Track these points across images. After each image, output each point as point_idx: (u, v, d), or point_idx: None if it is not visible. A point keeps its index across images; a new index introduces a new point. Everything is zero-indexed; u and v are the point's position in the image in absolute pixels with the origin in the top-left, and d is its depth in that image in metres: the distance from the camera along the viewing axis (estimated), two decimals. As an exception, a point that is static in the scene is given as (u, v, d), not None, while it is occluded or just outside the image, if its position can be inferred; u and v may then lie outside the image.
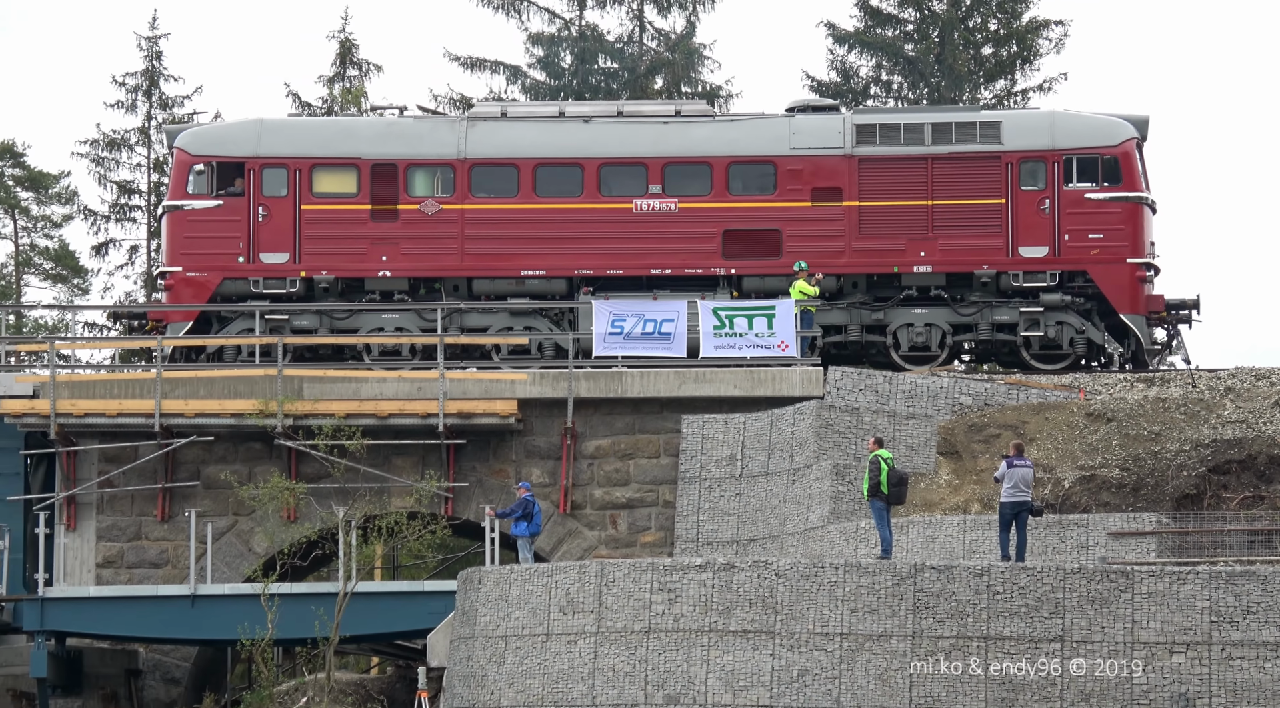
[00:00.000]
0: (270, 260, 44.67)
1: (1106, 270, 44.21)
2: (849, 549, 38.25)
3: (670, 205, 44.71)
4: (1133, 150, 44.79)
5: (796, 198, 44.62)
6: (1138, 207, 44.71)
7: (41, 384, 42.64)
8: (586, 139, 45.01)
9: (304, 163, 44.87)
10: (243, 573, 42.33)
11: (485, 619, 34.78)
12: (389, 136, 45.27)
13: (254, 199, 44.80)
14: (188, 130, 45.76)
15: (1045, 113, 46.08)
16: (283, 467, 42.58)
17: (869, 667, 33.02)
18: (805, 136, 44.81)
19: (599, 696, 33.66)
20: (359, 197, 44.91)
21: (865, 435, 40.34)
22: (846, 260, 44.70)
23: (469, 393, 42.73)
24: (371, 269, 44.86)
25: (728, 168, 44.71)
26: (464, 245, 44.83)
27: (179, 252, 44.78)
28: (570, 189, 44.86)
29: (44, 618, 39.85)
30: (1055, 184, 44.43)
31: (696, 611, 33.54)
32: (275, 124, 45.71)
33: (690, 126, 45.17)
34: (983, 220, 44.43)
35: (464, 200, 44.86)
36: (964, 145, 44.58)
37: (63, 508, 42.62)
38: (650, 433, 43.00)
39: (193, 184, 44.94)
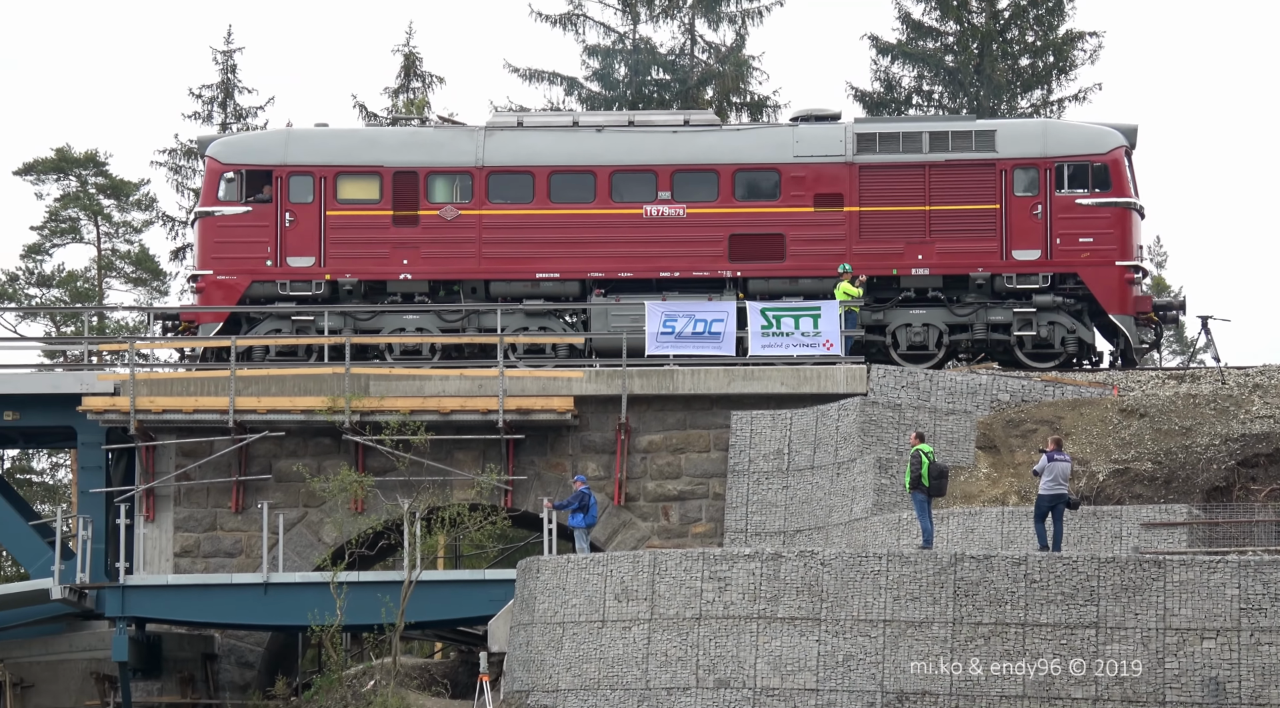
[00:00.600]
0: (297, 264, 44.80)
1: (1096, 273, 44.28)
2: (891, 540, 38.15)
3: (679, 211, 44.75)
4: (1122, 158, 44.85)
5: (799, 203, 44.67)
6: (1126, 212, 44.70)
7: (122, 382, 42.78)
8: (599, 147, 45.10)
9: (329, 171, 44.98)
10: (313, 562, 42.41)
11: (543, 607, 34.78)
12: (410, 145, 45.36)
13: (281, 205, 44.89)
14: (219, 140, 45.80)
15: (1038, 122, 46.37)
16: (350, 461, 42.64)
17: (911, 652, 32.93)
18: (808, 145, 44.89)
19: (652, 679, 33.64)
20: (381, 203, 44.99)
21: (907, 431, 40.24)
22: (847, 263, 44.69)
23: (527, 390, 42.73)
24: (393, 272, 44.92)
25: (734, 175, 44.79)
26: (482, 249, 44.90)
27: (210, 256, 44.92)
28: (583, 195, 44.91)
29: (125, 605, 39.98)
30: (1047, 190, 44.47)
31: (745, 598, 33.49)
32: (302, 134, 45.81)
33: (698, 135, 45.25)
34: (978, 225, 44.49)
35: (482, 206, 44.93)
36: (960, 153, 44.67)
37: (142, 500, 42.75)
38: (701, 428, 42.95)
39: (223, 191, 45.06)
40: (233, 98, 64.25)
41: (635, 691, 33.67)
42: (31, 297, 65.50)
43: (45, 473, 61.13)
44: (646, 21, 62.77)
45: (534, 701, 34.44)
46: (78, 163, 66.31)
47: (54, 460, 60.46)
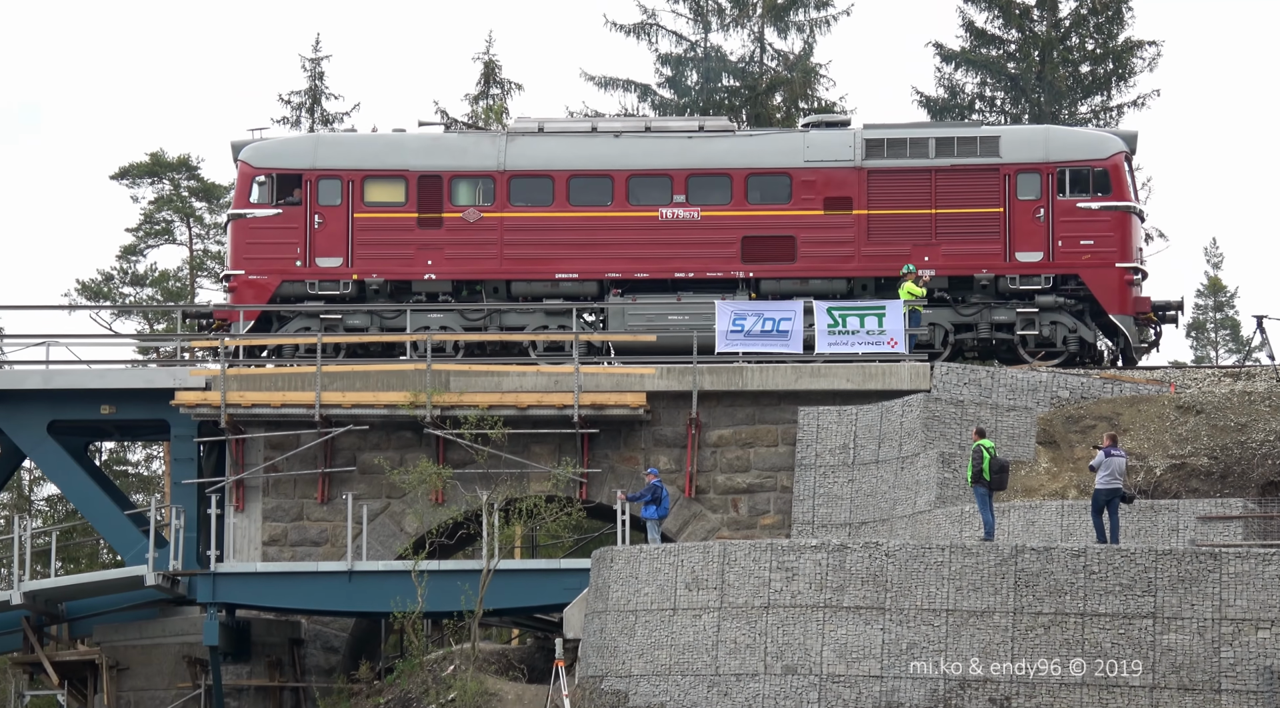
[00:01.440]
0: (325, 264, 44.93)
1: (1097, 274, 44.24)
2: (954, 532, 38.02)
3: (693, 213, 44.78)
4: (1122, 163, 44.77)
5: (810, 207, 44.68)
6: (1126, 215, 44.60)
7: (213, 378, 43.02)
8: (616, 152, 45.17)
9: (356, 174, 45.09)
10: (395, 551, 42.53)
11: (617, 595, 34.80)
12: (435, 150, 45.44)
13: (310, 208, 45.03)
14: (251, 144, 45.86)
15: (1040, 128, 46.31)
16: (431, 454, 42.76)
17: (973, 641, 32.82)
18: (818, 150, 44.88)
19: (722, 666, 33.62)
20: (407, 205, 45.08)
21: (969, 426, 40.11)
22: (856, 265, 44.70)
23: (601, 386, 42.77)
24: (418, 272, 45.01)
25: (746, 179, 44.81)
26: (503, 250, 44.97)
27: (242, 256, 45.09)
28: (601, 198, 44.96)
29: (215, 591, 40.17)
30: (1049, 194, 44.43)
31: (812, 588, 33.43)
32: (330, 138, 45.98)
33: (712, 140, 45.28)
34: (982, 228, 44.49)
35: (503, 209, 45.00)
36: (965, 158, 44.65)
37: (232, 491, 42.95)
38: (769, 423, 42.90)
39: (255, 194, 45.22)
40: (320, 104, 64.51)
41: (705, 676, 33.66)
42: (125, 295, 65.94)
43: (140, 465, 61.50)
44: (717, 30, 62.73)
45: (607, 686, 34.47)
46: (171, 167, 66.71)
47: (148, 453, 60.81)
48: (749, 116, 60.81)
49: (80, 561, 55.11)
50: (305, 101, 64.53)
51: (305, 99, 64.53)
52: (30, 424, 43.61)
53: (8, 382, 43.55)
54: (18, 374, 43.84)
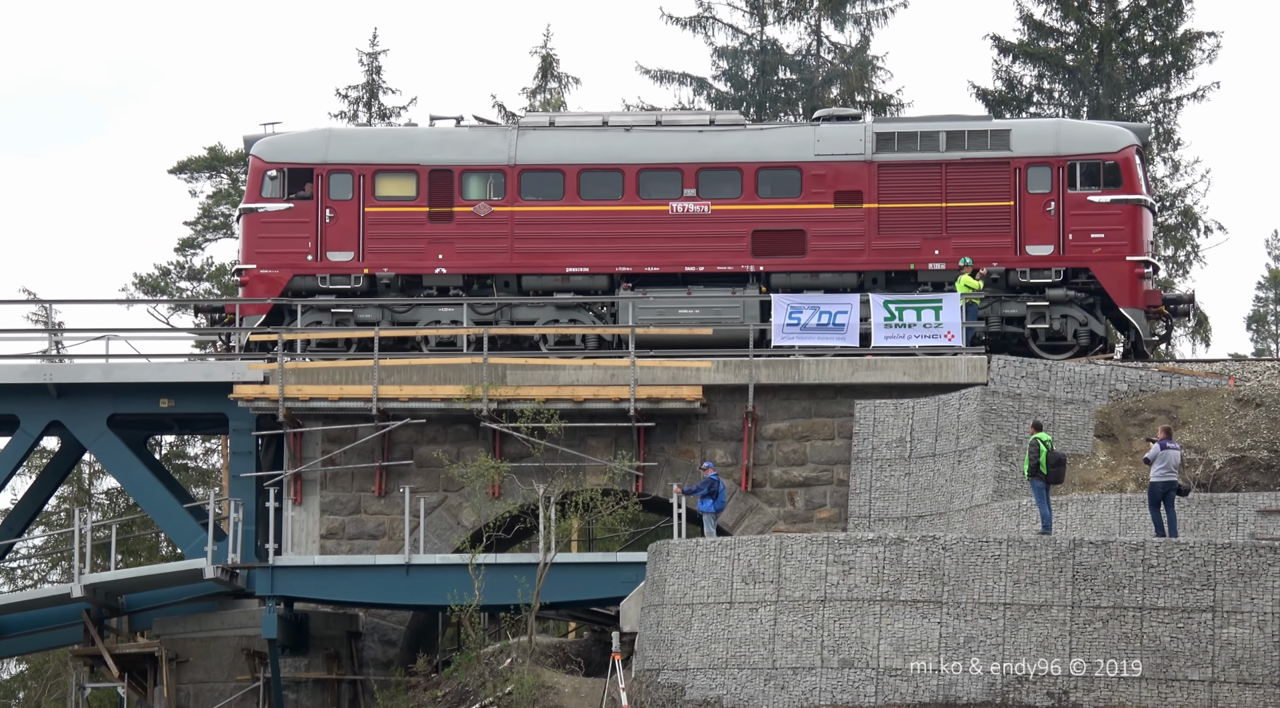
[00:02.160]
0: (336, 258, 44.98)
1: (1108, 268, 44.03)
2: (1011, 525, 37.91)
3: (704, 207, 44.70)
4: (1133, 156, 44.57)
5: (820, 200, 44.55)
6: (1137, 208, 44.40)
7: (271, 371, 43.17)
8: (627, 146, 45.09)
9: (368, 169, 45.10)
10: (452, 544, 42.63)
11: (673, 588, 34.81)
12: (446, 144, 45.42)
13: (322, 202, 45.06)
14: (262, 139, 45.88)
15: (1051, 122, 46.27)
16: (488, 447, 42.83)
17: (1031, 635, 32.72)
18: (829, 143, 44.78)
19: (778, 659, 33.60)
20: (418, 200, 45.08)
21: (1026, 419, 39.98)
22: (866, 258, 44.54)
23: (658, 379, 42.77)
24: (429, 266, 45.01)
25: (757, 172, 44.70)
26: (514, 244, 44.95)
27: (253, 250, 45.13)
28: (612, 192, 44.91)
29: (274, 584, 40.32)
30: (1060, 187, 44.27)
31: (869, 581, 33.38)
32: (342, 133, 45.95)
33: (723, 134, 45.19)
34: (993, 221, 44.32)
35: (514, 203, 44.97)
36: (976, 152, 44.50)
37: (290, 484, 43.11)
38: (825, 417, 42.83)
39: (266, 188, 45.28)
40: (377, 98, 64.66)
41: (762, 670, 33.64)
42: (183, 290, 66.29)
43: (199, 458, 61.76)
44: (773, 23, 62.63)
45: (664, 679, 34.48)
46: (229, 161, 66.97)
47: (207, 446, 61.08)
48: (805, 110, 60.69)
49: (140, 554, 55.42)
50: (363, 96, 64.68)
51: (363, 93, 64.68)
52: (90, 418, 43.86)
53: (68, 375, 43.82)
54: (78, 368, 44.10)
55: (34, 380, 43.63)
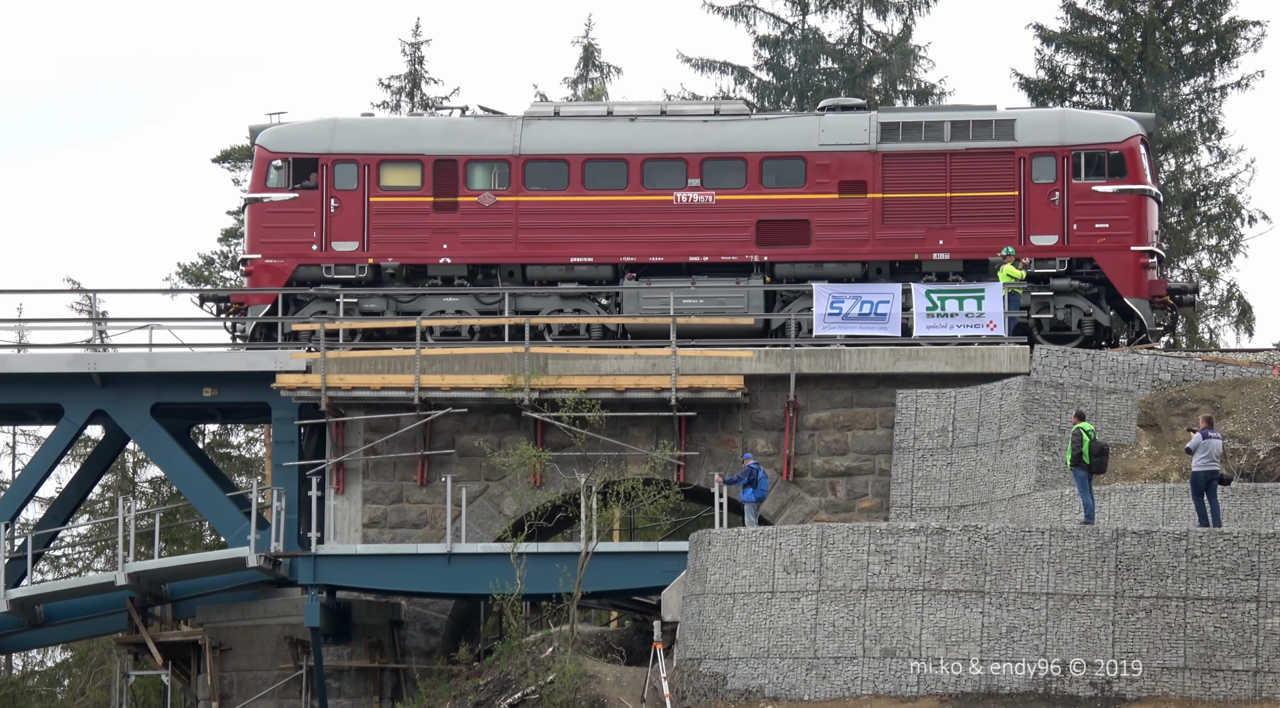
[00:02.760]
0: (341, 248, 45.00)
1: (1112, 258, 43.91)
2: (1054, 515, 37.80)
3: (708, 197, 44.66)
4: (1138, 146, 44.45)
5: (825, 190, 44.49)
6: (1142, 198, 44.26)
7: (313, 361, 43.28)
8: (632, 136, 45.07)
9: (373, 158, 45.12)
10: (494, 533, 42.70)
11: (715, 578, 34.81)
12: (450, 134, 45.43)
13: (327, 192, 45.08)
14: (268, 129, 45.87)
15: (1056, 111, 46.03)
16: (529, 436, 42.88)
17: (1074, 624, 32.63)
18: (833, 133, 44.68)
19: (820, 649, 33.57)
20: (423, 189, 45.08)
21: (1069, 409, 39.85)
22: (870, 248, 44.48)
23: (699, 369, 42.76)
24: (433, 256, 45.01)
25: (761, 162, 44.65)
26: (518, 234, 44.95)
27: (258, 240, 45.16)
28: (616, 182, 44.87)
29: (316, 573, 40.44)
30: (1065, 177, 44.16)
31: (911, 571, 33.34)
32: (347, 123, 45.95)
33: (727, 124, 45.13)
34: (997, 211, 44.26)
35: (518, 193, 44.96)
36: (980, 141, 44.41)
37: (332, 473, 43.22)
38: (867, 406, 42.78)
39: (271, 178, 45.31)
40: (420, 88, 64.73)
41: (803, 659, 33.62)
42: (226, 279, 66.49)
43: (242, 447, 61.92)
44: (815, 12, 62.49)
45: (705, 668, 34.49)
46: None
47: (250, 435, 61.25)
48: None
49: (183, 542, 55.61)
50: (405, 86, 64.76)
51: (405, 83, 64.76)
52: (134, 407, 44.04)
53: (112, 365, 44.00)
54: (121, 357, 44.29)
55: (78, 370, 43.83)
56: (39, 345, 45.00)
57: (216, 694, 41.90)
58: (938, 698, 32.76)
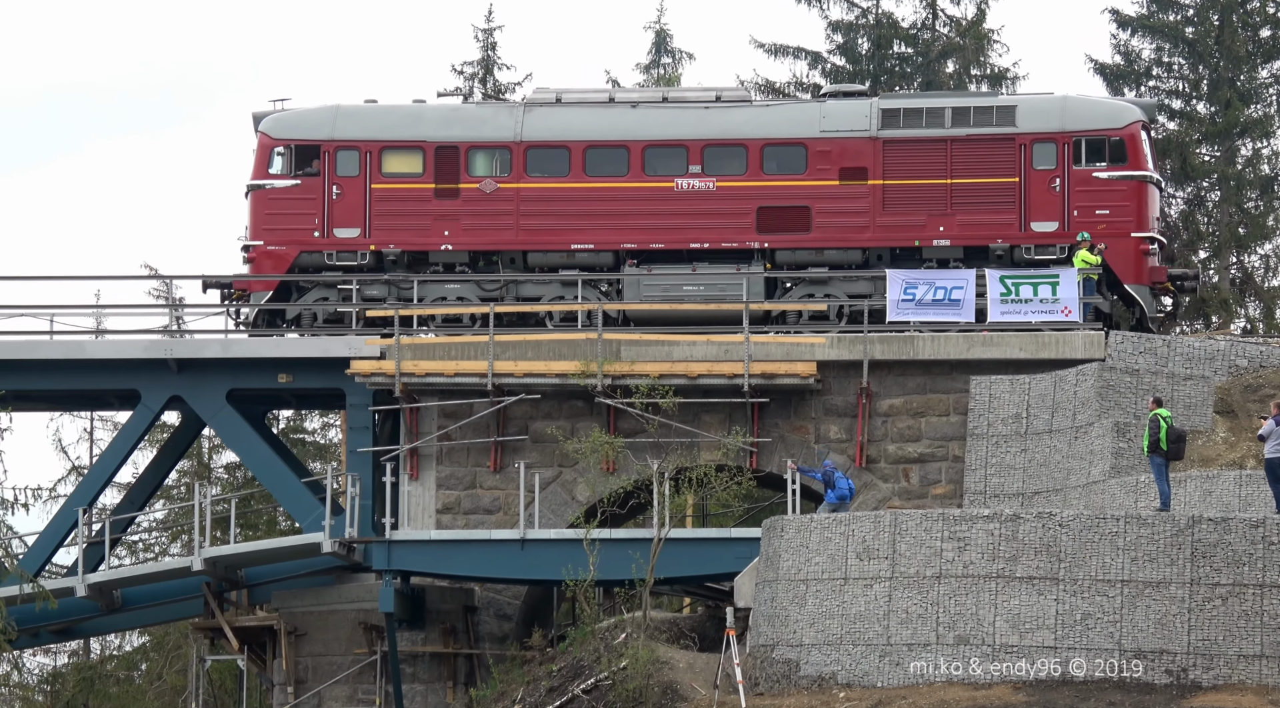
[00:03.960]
0: (343, 235, 45.13)
1: (1112, 244, 43.73)
2: (1129, 502, 37.61)
3: (709, 184, 44.65)
4: (1138, 132, 44.30)
5: (825, 177, 44.45)
6: (1142, 185, 44.09)
7: (388, 347, 43.45)
8: (633, 123, 45.08)
9: (374, 145, 45.20)
10: (567, 519, 42.78)
11: (788, 564, 34.78)
12: (452, 121, 45.49)
13: (329, 178, 45.18)
14: (270, 116, 45.98)
15: (1057, 97, 45.68)
16: (602, 423, 42.94)
17: (1149, 612, 32.46)
18: (834, 120, 44.64)
19: (893, 636, 33.51)
20: (424, 176, 45.14)
21: (1145, 395, 39.63)
22: (871, 235, 44.41)
23: (771, 355, 42.72)
24: (435, 243, 45.09)
25: (762, 149, 44.63)
26: (519, 221, 45.01)
27: (261, 227, 45.30)
28: (617, 169, 44.91)
29: (391, 559, 40.62)
30: (1065, 164, 44.06)
31: (985, 558, 33.23)
32: (349, 110, 45.98)
33: (728, 111, 45.09)
34: (998, 198, 44.19)
35: (520, 180, 44.99)
36: (981, 128, 44.32)
37: (406, 459, 43.39)
38: (940, 393, 42.65)
39: (274, 165, 45.42)
40: (492, 74, 64.81)
41: (876, 646, 33.56)
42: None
43: (316, 433, 62.18)
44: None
45: (778, 654, 34.47)
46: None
47: (325, 421, 61.51)
48: (922, 84, 60.32)
49: (258, 528, 55.90)
50: (478, 72, 64.86)
51: (478, 69, 64.86)
52: (210, 393, 44.32)
53: (188, 351, 44.31)
54: (197, 343, 44.59)
55: (155, 355, 44.13)
56: (116, 332, 45.35)
57: (292, 679, 42.15)
58: (1011, 686, 32.65)
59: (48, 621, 42.68)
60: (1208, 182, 57.52)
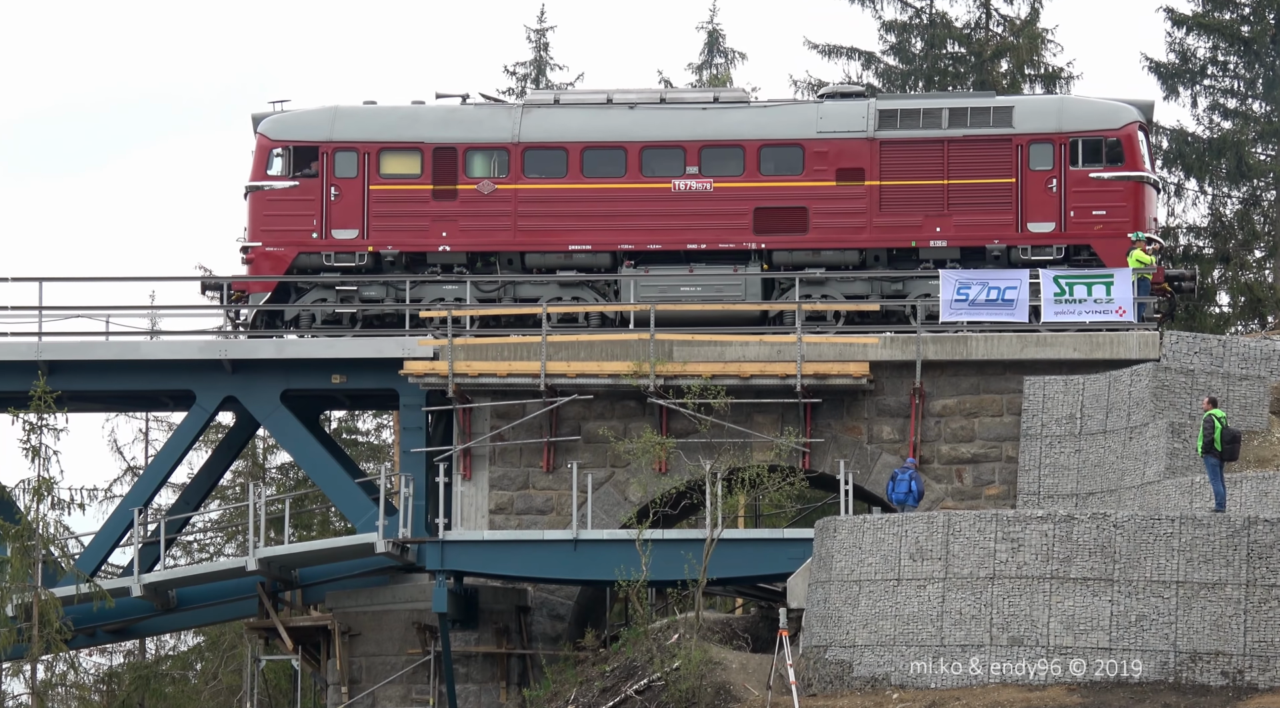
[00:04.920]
0: (341, 236, 45.14)
1: (1109, 245, 43.64)
2: (1184, 503, 37.43)
3: (706, 185, 44.60)
4: (1135, 133, 44.13)
5: (822, 178, 44.36)
6: (1139, 185, 43.92)
7: (441, 347, 43.54)
8: (630, 124, 45.03)
9: (373, 147, 45.21)
10: (619, 520, 42.79)
11: (840, 565, 34.73)
12: (450, 122, 45.43)
13: (327, 180, 45.21)
14: (269, 117, 46.00)
15: (1054, 98, 46.06)
16: (654, 423, 42.93)
17: (1204, 613, 32.31)
18: (831, 121, 44.54)
19: (947, 636, 33.43)
20: (422, 177, 45.13)
21: (1199, 396, 39.44)
22: (868, 236, 44.31)
23: (824, 356, 42.66)
24: (433, 244, 45.08)
25: (759, 150, 44.56)
26: (517, 222, 44.98)
27: (259, 228, 45.32)
28: (615, 170, 44.87)
29: (444, 559, 40.68)
30: (1062, 164, 43.88)
31: (1038, 559, 33.13)
32: (347, 111, 45.99)
33: (726, 112, 45.03)
34: (994, 198, 44.06)
35: (517, 181, 44.96)
36: (978, 128, 44.21)
37: (459, 459, 43.46)
38: (994, 393, 42.52)
39: (272, 166, 45.44)
40: (545, 75, 64.90)
41: (930, 647, 33.49)
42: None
43: (370, 433, 62.41)
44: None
45: (831, 655, 34.42)
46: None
47: (378, 421, 61.72)
48: (974, 84, 60.18)
49: (312, 528, 56.13)
50: (530, 72, 64.95)
51: (530, 70, 64.95)
52: (264, 393, 44.47)
53: (242, 351, 44.47)
54: (252, 344, 44.75)
55: (209, 356, 44.32)
56: (171, 333, 45.56)
57: (346, 679, 42.27)
58: (1065, 687, 32.54)
59: (104, 620, 42.90)
60: (1263, 181, 57.20)
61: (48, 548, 39.85)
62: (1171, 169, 57.73)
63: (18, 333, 44.77)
